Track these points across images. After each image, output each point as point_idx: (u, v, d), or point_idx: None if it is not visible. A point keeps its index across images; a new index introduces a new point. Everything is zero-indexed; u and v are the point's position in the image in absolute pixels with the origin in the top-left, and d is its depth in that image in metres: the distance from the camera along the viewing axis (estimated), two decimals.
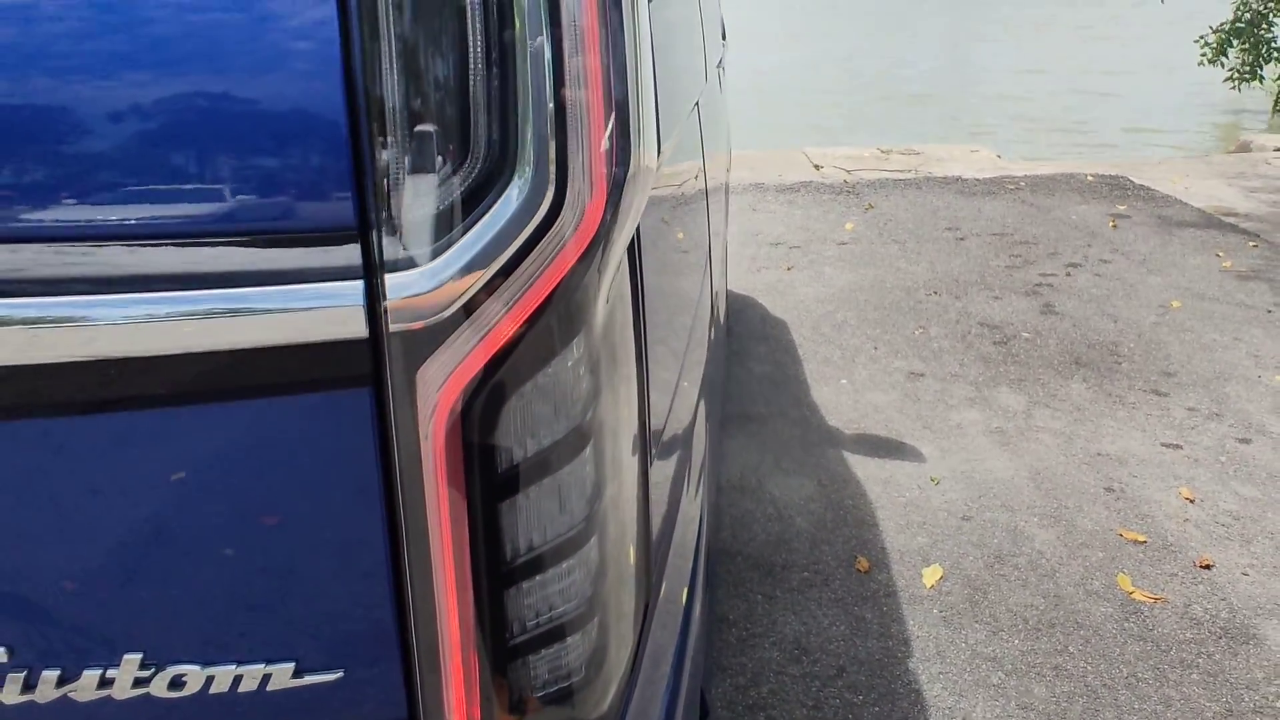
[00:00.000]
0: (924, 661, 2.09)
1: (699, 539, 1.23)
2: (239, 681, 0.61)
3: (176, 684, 0.61)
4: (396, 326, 0.55)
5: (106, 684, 0.61)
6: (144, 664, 0.61)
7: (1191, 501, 2.68)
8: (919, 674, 2.06)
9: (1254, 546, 2.48)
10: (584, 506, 0.61)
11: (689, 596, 1.09)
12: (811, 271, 4.61)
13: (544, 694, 0.65)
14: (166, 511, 0.58)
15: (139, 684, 0.61)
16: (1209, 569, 2.39)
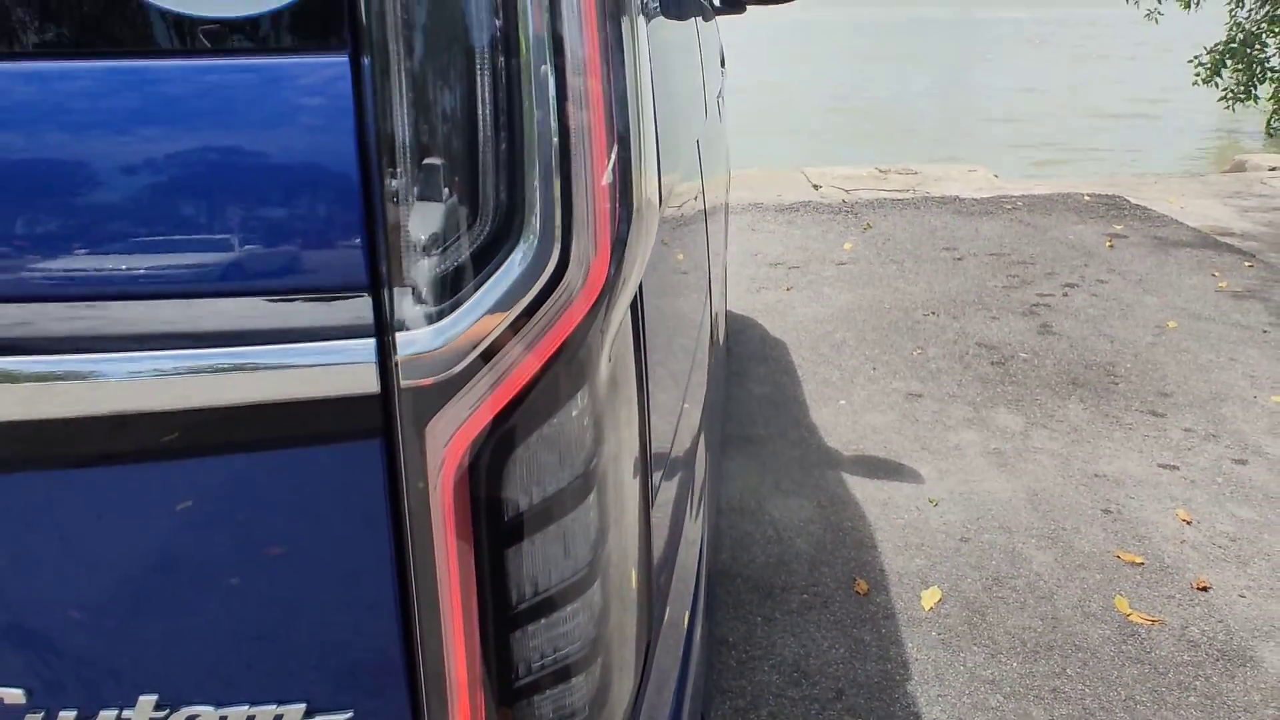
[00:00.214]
0: (923, 684, 2.10)
1: (700, 562, 1.24)
2: None
3: None
4: (407, 382, 0.57)
5: None
6: (159, 705, 0.62)
7: (1188, 523, 2.70)
8: (918, 697, 2.07)
9: (1251, 568, 2.49)
10: (588, 551, 0.63)
11: (690, 620, 1.10)
12: (810, 292, 4.64)
13: None
14: (182, 557, 0.60)
15: None
16: (1206, 591, 2.40)
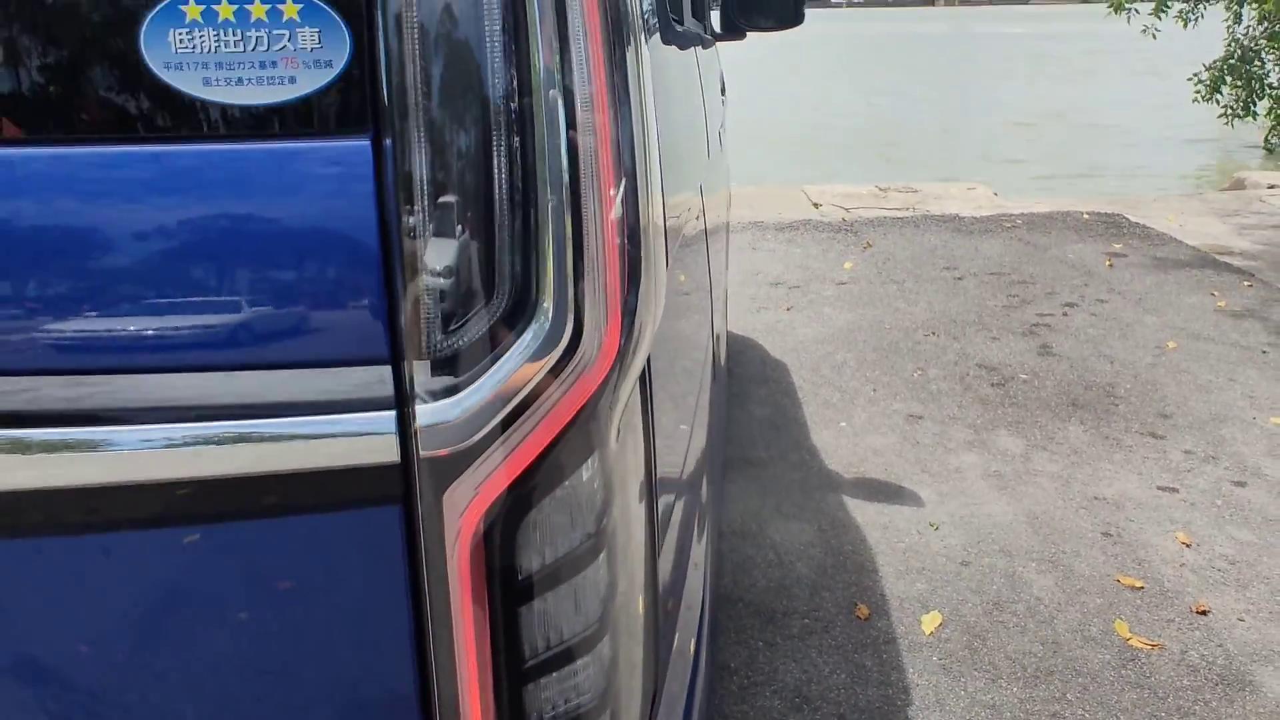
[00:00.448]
0: (923, 710, 2.11)
1: (705, 587, 1.26)
2: None
3: None
4: (426, 453, 0.60)
5: None
6: None
7: (1188, 546, 2.71)
8: None
9: (1250, 591, 2.51)
10: (598, 607, 0.65)
11: (697, 648, 1.12)
12: (811, 312, 4.67)
13: None
14: (208, 616, 0.63)
15: None
16: (1205, 615, 2.42)
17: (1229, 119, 10.36)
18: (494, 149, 0.57)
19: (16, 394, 0.59)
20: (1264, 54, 10.01)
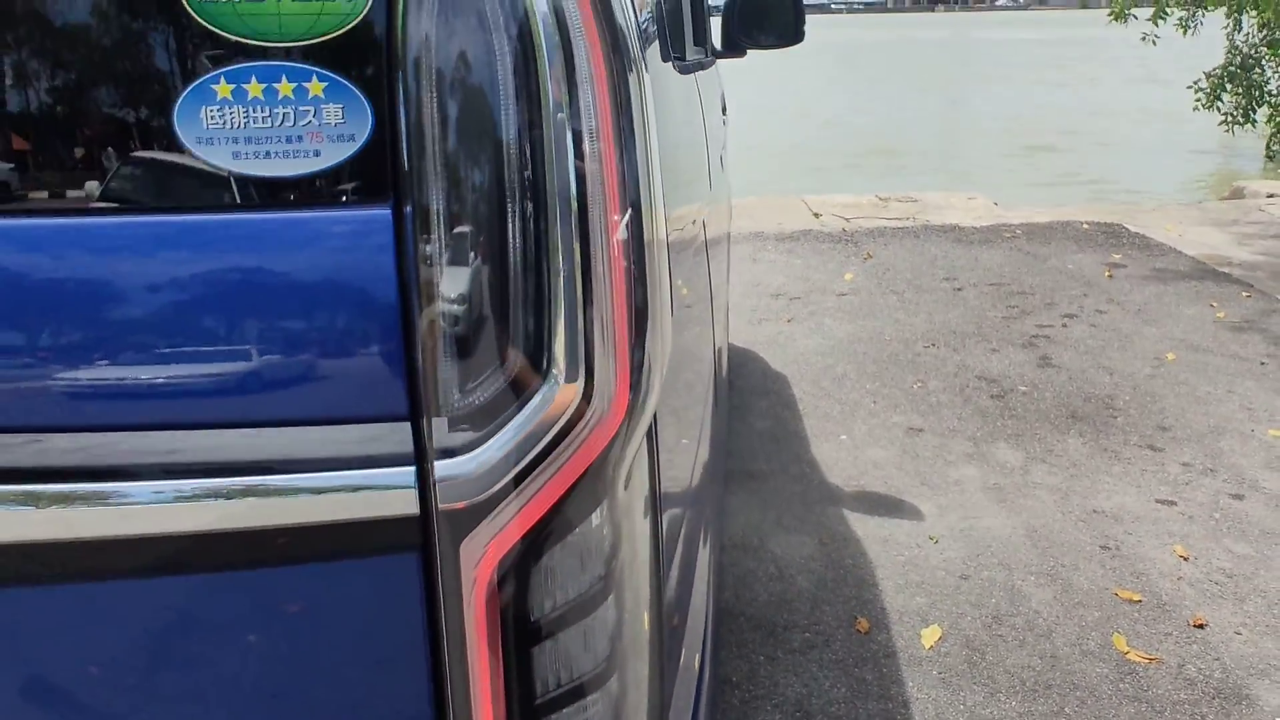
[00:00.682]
0: None
1: (708, 602, 1.29)
2: None
3: None
4: (444, 506, 0.63)
5: None
6: None
7: (1186, 559, 2.73)
8: None
9: (1247, 605, 2.53)
10: (607, 645, 0.69)
11: (701, 663, 1.15)
12: (811, 323, 4.69)
13: None
14: (235, 655, 0.66)
15: None
16: (1202, 628, 2.44)
17: (1229, 126, 10.40)
18: (507, 218, 0.61)
19: (62, 450, 0.62)
20: (1264, 61, 10.04)
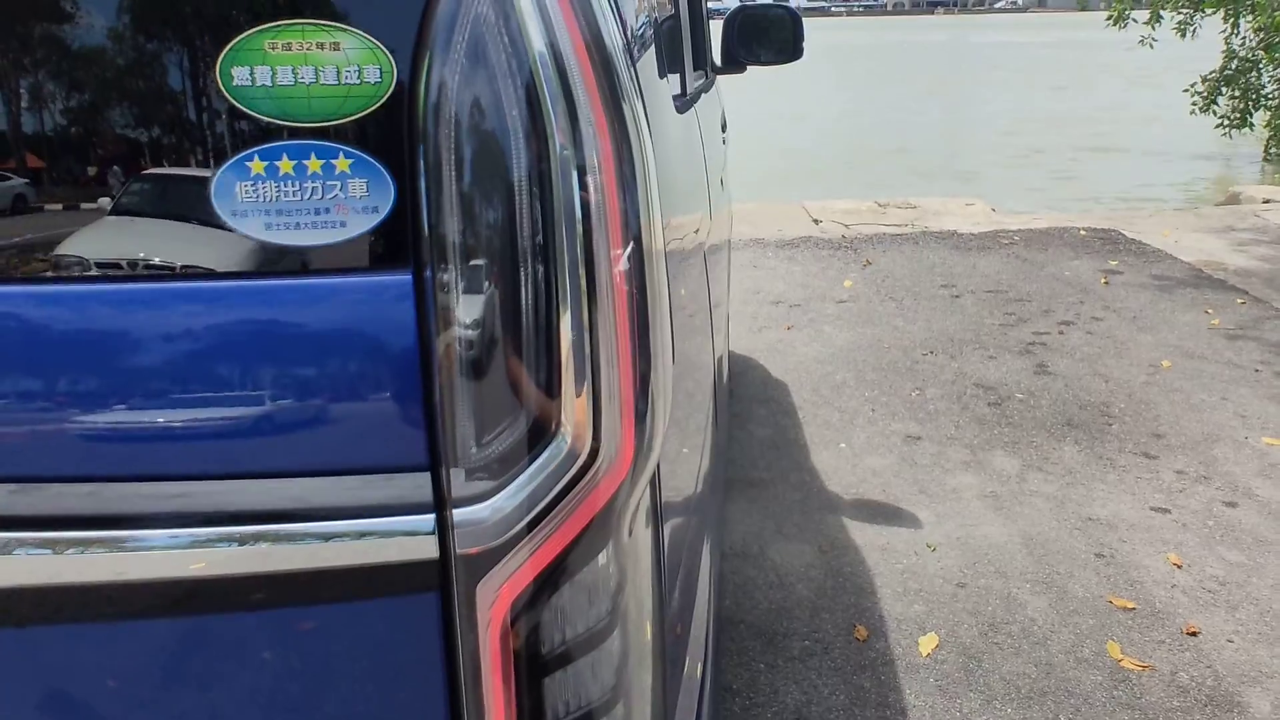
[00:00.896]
0: None
1: (709, 610, 1.34)
2: None
3: None
4: (461, 550, 0.68)
5: None
6: None
7: (1179, 567, 2.78)
8: None
9: (1239, 613, 2.57)
10: (613, 676, 0.74)
11: (704, 671, 1.20)
12: (811, 331, 4.74)
13: None
14: (262, 690, 0.71)
15: None
16: (1195, 636, 2.48)
17: (1226, 130, 10.45)
18: (520, 284, 0.66)
19: (115, 498, 0.68)
20: (1261, 65, 10.09)
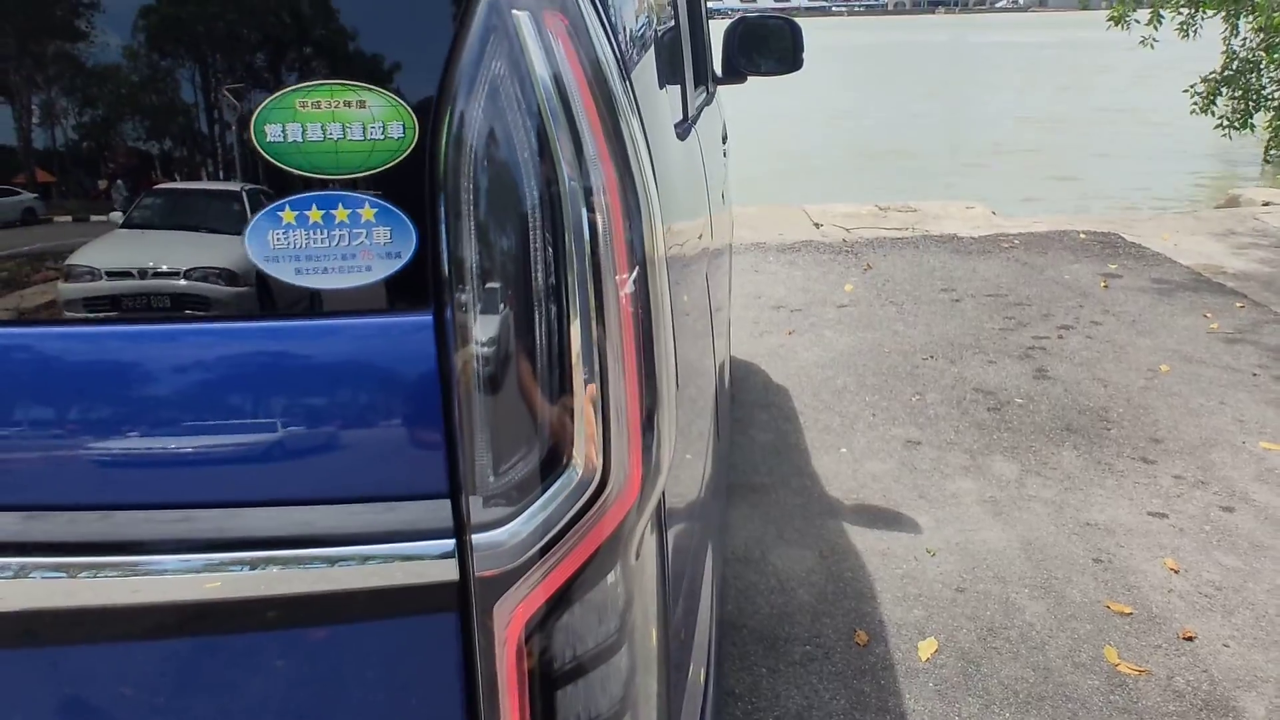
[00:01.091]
0: None
1: (712, 615, 1.38)
2: None
3: None
4: (479, 573, 0.72)
5: None
6: None
7: (1176, 572, 2.81)
8: None
9: (1235, 618, 2.61)
10: (621, 688, 0.78)
11: (707, 676, 1.24)
12: (812, 335, 4.77)
13: None
14: (291, 704, 0.74)
15: None
16: (1191, 640, 2.52)
17: (1226, 131, 10.47)
18: (534, 323, 0.69)
19: (147, 523, 0.71)
20: (1261, 66, 10.11)
